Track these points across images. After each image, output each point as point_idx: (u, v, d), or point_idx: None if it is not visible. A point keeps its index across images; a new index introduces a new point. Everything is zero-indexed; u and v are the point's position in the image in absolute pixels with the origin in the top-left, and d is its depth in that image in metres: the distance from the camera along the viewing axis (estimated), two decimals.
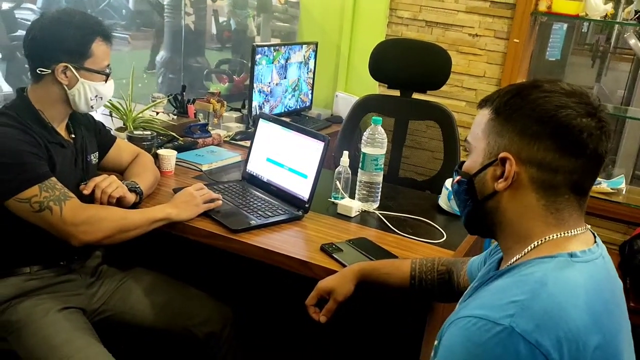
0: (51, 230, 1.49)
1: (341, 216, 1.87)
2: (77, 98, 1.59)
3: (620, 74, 7.60)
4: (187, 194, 1.71)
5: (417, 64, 2.47)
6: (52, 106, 1.60)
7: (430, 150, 2.64)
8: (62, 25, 1.55)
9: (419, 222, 1.89)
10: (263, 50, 2.72)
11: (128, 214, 1.59)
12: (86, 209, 1.52)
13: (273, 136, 1.96)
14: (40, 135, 1.53)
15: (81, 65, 1.57)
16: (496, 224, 1.00)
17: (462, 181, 1.03)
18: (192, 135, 2.37)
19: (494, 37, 2.96)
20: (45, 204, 1.46)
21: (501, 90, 1.02)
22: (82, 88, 1.58)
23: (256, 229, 1.69)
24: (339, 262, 1.53)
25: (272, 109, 2.89)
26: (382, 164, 1.93)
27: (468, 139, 1.05)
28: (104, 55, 1.61)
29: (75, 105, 1.61)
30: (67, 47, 1.54)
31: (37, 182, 1.46)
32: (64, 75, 1.55)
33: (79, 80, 1.57)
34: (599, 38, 7.64)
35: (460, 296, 1.36)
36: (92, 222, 1.51)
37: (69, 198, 1.50)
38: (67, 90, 1.58)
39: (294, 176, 1.87)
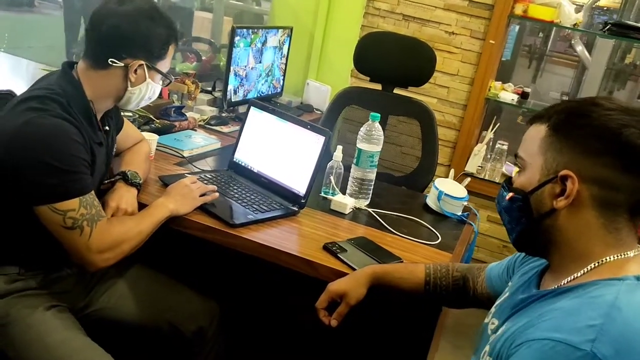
0: (69, 249, 1.36)
1: (334, 212, 1.83)
2: (134, 97, 1.50)
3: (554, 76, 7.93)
4: (183, 186, 1.62)
5: (402, 59, 2.44)
6: (104, 99, 1.49)
7: (408, 147, 2.63)
8: (152, 22, 1.44)
9: (412, 222, 1.87)
10: (242, 32, 2.61)
11: (141, 225, 1.47)
12: (111, 231, 1.40)
13: (266, 126, 1.88)
14: (87, 134, 1.40)
15: (154, 66, 1.48)
16: (552, 243, 0.99)
17: (517, 198, 1.01)
18: (168, 118, 2.25)
19: (470, 37, 2.98)
20: (80, 222, 1.33)
21: (557, 107, 1.01)
22: (146, 88, 1.50)
23: (254, 223, 1.62)
24: (347, 264, 1.48)
25: (246, 94, 2.79)
26: (377, 161, 1.90)
27: (521, 155, 1.03)
28: (171, 58, 1.54)
29: (127, 103, 1.52)
30: (151, 45, 1.45)
31: (80, 195, 1.33)
32: (134, 72, 1.45)
33: (146, 80, 1.48)
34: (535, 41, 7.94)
35: (474, 303, 1.36)
36: (115, 247, 1.40)
37: (101, 217, 1.38)
38: (129, 88, 1.47)
39: (289, 170, 1.80)
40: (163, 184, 1.76)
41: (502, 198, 1.06)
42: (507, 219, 1.06)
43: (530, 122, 1.04)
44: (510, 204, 1.03)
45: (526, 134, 1.05)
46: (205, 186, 1.67)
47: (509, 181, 1.07)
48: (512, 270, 1.25)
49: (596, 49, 5.22)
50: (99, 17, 1.42)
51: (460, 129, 3.09)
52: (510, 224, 1.05)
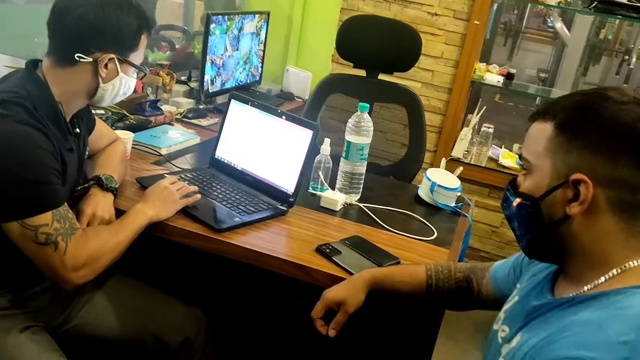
0: (42, 267, 1.24)
1: (324, 209, 1.74)
2: (107, 94, 1.38)
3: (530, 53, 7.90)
4: (162, 189, 1.51)
5: (388, 44, 2.34)
6: (74, 98, 1.36)
7: (393, 134, 2.55)
8: (121, 10, 1.31)
9: (405, 216, 1.79)
10: (218, 19, 2.47)
11: (119, 236, 1.36)
12: (87, 245, 1.28)
13: (249, 120, 1.77)
14: (57, 140, 1.27)
15: (126, 59, 1.36)
16: (566, 250, 0.91)
17: (525, 205, 0.93)
18: (143, 113, 2.12)
19: (454, 17, 2.89)
20: (54, 237, 1.21)
21: (562, 102, 0.92)
22: (119, 83, 1.37)
23: (241, 226, 1.52)
24: (343, 268, 1.39)
25: (224, 83, 2.67)
26: (367, 153, 1.80)
27: (525, 156, 0.94)
28: (144, 49, 1.42)
29: (100, 100, 1.39)
30: (122, 36, 1.32)
31: (52, 208, 1.22)
32: (105, 67, 1.32)
33: (119, 75, 1.36)
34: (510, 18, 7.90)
35: (478, 305, 1.28)
36: (92, 262, 1.28)
37: (76, 230, 1.27)
38: (101, 84, 1.34)
39: (275, 167, 1.70)
40: (141, 186, 1.65)
41: (509, 203, 0.97)
42: (515, 225, 0.98)
43: (533, 118, 0.96)
44: (518, 210, 0.94)
45: (529, 132, 0.96)
46: (187, 187, 1.57)
47: (514, 184, 0.99)
48: (519, 271, 1.17)
49: (575, 26, 5.18)
50: (62, 8, 1.28)
51: (445, 114, 3.01)
52: (519, 230, 0.97)
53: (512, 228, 1.00)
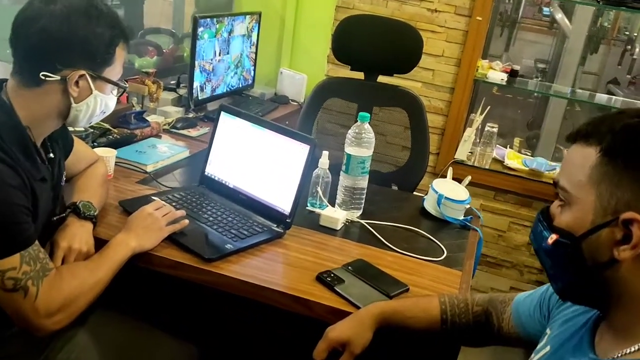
0: (12, 314, 1.11)
1: (324, 228, 1.61)
2: (82, 114, 1.23)
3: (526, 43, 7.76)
4: (146, 216, 1.37)
5: (387, 45, 2.21)
6: (44, 122, 1.22)
7: (393, 137, 2.41)
8: (89, 20, 1.16)
9: (411, 234, 1.66)
10: (206, 22, 2.33)
11: (98, 273, 1.23)
12: (62, 287, 1.15)
13: (240, 134, 1.63)
14: (26, 171, 1.13)
15: (99, 74, 1.21)
16: (612, 296, 0.78)
17: (562, 243, 0.79)
18: (127, 126, 1.98)
19: (455, 14, 2.75)
20: (23, 282, 1.08)
21: (609, 123, 0.78)
22: (94, 102, 1.22)
23: (233, 254, 1.39)
24: (346, 299, 1.26)
25: (214, 89, 2.53)
26: (368, 166, 1.67)
27: (563, 185, 0.81)
28: (122, 63, 1.27)
29: (75, 121, 1.24)
30: (92, 49, 1.17)
31: (20, 249, 1.09)
32: (75, 85, 1.18)
33: (93, 93, 1.21)
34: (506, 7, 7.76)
35: (499, 341, 1.16)
36: (67, 306, 1.15)
37: (48, 272, 1.13)
38: (73, 104, 1.19)
39: (270, 184, 1.56)
40: (124, 210, 1.52)
41: (542, 238, 0.83)
42: (548, 264, 0.85)
43: (572, 139, 0.82)
44: (554, 249, 0.81)
45: (568, 156, 0.83)
46: (174, 212, 1.43)
47: (547, 215, 0.85)
48: (545, 309, 1.04)
49: (576, 16, 5.04)
50: (23, 22, 1.13)
51: (448, 114, 2.88)
52: (553, 270, 0.84)
53: (542, 263, 0.87)
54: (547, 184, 2.82)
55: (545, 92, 3.75)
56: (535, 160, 2.98)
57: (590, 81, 6.33)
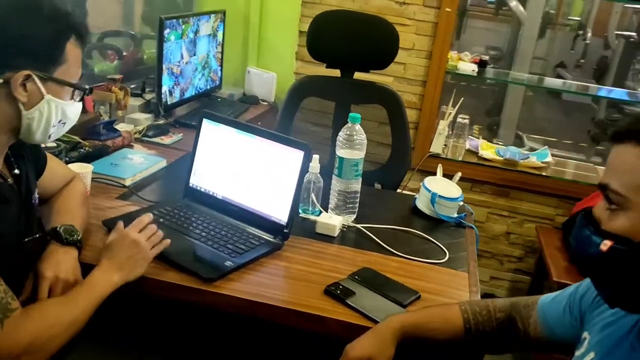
0: None
1: (320, 236, 1.54)
2: (35, 123, 1.08)
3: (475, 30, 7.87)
4: (130, 243, 1.23)
5: (363, 40, 2.15)
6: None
7: (377, 136, 2.36)
8: (28, 15, 1.04)
9: (409, 236, 1.61)
10: (172, 23, 2.22)
11: (73, 311, 1.10)
12: (28, 328, 1.03)
13: (226, 142, 1.54)
14: None
15: (50, 75, 1.07)
16: None
17: (620, 250, 0.75)
18: (98, 137, 1.86)
19: (423, 6, 2.71)
20: None
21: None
22: (47, 108, 1.09)
23: (234, 271, 1.31)
24: (362, 314, 1.20)
25: (183, 92, 2.42)
26: (361, 168, 1.61)
27: (615, 189, 0.77)
28: (78, 62, 1.13)
29: (29, 133, 1.10)
30: (32, 47, 1.05)
31: None
32: (22, 88, 1.04)
33: (44, 97, 1.07)
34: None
35: (525, 346, 1.12)
36: (37, 348, 1.03)
37: (9, 312, 1.00)
38: (23, 111, 1.06)
39: (263, 194, 1.48)
40: (109, 230, 1.41)
41: (591, 244, 0.79)
42: (598, 271, 0.80)
43: (619, 139, 0.78)
44: (608, 255, 0.77)
45: (615, 156, 0.79)
46: (158, 233, 1.30)
47: (590, 217, 0.81)
48: (577, 311, 1.00)
49: (530, 3, 5.12)
50: None
51: (421, 108, 2.85)
52: (604, 276, 0.80)
53: (585, 269, 0.83)
54: (523, 173, 2.83)
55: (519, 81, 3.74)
56: (508, 149, 2.98)
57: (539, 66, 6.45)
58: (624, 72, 5.67)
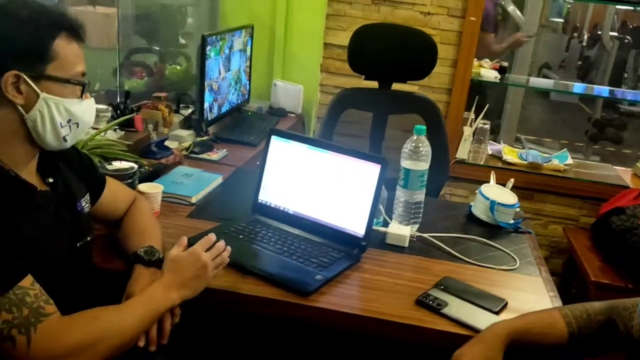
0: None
1: (390, 246, 1.57)
2: (39, 125, 1.06)
3: None
4: (197, 261, 1.20)
5: (402, 53, 2.19)
6: (9, 144, 1.06)
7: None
8: (7, 17, 1.03)
9: (475, 243, 1.65)
10: (212, 39, 2.24)
11: (125, 321, 1.08)
12: (70, 332, 1.01)
13: (297, 158, 1.57)
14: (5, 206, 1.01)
15: (41, 73, 1.04)
16: None
17: None
18: (154, 156, 1.87)
19: (448, 15, 2.77)
20: (6, 332, 0.95)
21: None
22: (46, 108, 1.05)
23: (325, 284, 1.33)
24: (461, 323, 1.23)
25: (220, 108, 2.44)
26: (426, 179, 1.65)
27: None
28: (74, 58, 1.08)
29: (40, 137, 1.08)
30: (17, 47, 1.02)
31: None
32: (16, 90, 1.03)
33: (40, 96, 1.04)
34: None
35: (625, 348, 1.16)
36: (77, 354, 1.00)
37: (42, 318, 0.98)
38: (25, 115, 1.04)
39: (338, 208, 1.51)
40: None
41: None
42: None
43: None
44: None
45: None
46: (223, 255, 1.27)
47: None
48: None
49: (528, 8, 5.21)
50: None
51: (447, 115, 2.90)
52: None
53: None
54: (546, 175, 2.90)
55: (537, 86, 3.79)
56: (529, 153, 3.05)
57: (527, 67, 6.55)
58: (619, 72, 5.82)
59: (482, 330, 1.18)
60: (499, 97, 5.49)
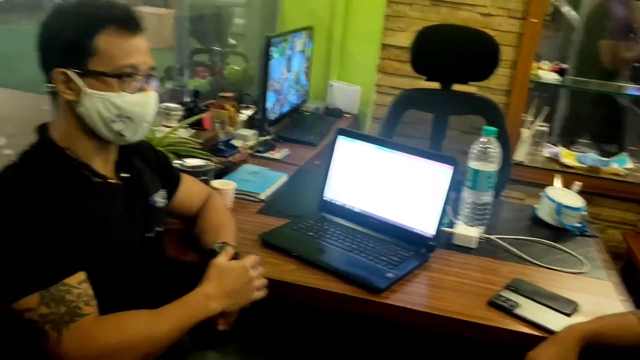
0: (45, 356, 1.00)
1: (457, 247, 1.58)
2: (88, 119, 1.09)
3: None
4: (244, 274, 1.19)
5: (465, 54, 2.20)
6: (78, 139, 1.11)
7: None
8: (62, 16, 1.09)
9: (542, 246, 1.65)
10: (276, 41, 2.29)
11: (160, 327, 1.06)
12: (99, 334, 1.00)
13: (364, 158, 1.60)
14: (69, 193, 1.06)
15: (85, 68, 1.06)
16: None
17: None
18: (223, 155, 1.93)
19: (508, 17, 2.75)
20: (40, 325, 0.97)
21: None
22: (92, 103, 1.07)
23: (396, 282, 1.36)
24: (536, 325, 1.24)
25: (281, 108, 2.49)
26: (494, 181, 1.66)
27: None
28: (118, 51, 1.07)
29: (97, 132, 1.10)
30: (62, 44, 1.06)
31: (39, 288, 0.98)
32: (65, 85, 1.07)
33: (84, 91, 1.06)
34: None
35: None
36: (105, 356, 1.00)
37: (77, 318, 0.99)
38: (77, 110, 1.08)
39: (407, 207, 1.53)
40: (264, 243, 1.47)
41: None
42: None
43: None
44: None
45: None
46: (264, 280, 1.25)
47: None
48: None
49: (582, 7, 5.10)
50: None
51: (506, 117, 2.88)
52: None
53: None
54: (605, 179, 2.85)
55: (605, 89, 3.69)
56: (587, 156, 3.00)
57: None
58: None
59: (555, 331, 1.19)
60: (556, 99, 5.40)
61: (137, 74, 1.10)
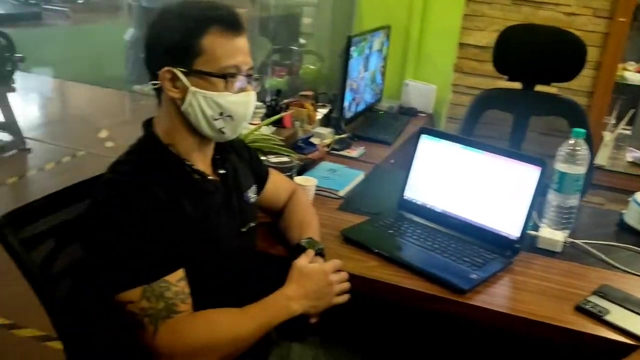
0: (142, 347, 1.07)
1: (541, 250, 1.55)
2: (192, 117, 1.13)
3: None
4: (325, 278, 1.21)
5: (550, 54, 2.15)
6: (180, 136, 1.16)
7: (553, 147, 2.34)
8: (168, 17, 1.13)
9: (631, 252, 1.59)
10: (356, 40, 2.31)
11: (242, 328, 1.10)
12: (189, 333, 1.05)
13: (449, 157, 1.59)
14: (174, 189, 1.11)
15: (190, 67, 1.10)
16: None
17: None
18: (302, 152, 1.97)
19: (593, 16, 2.66)
20: (139, 318, 1.03)
21: None
22: (196, 101, 1.11)
23: (480, 284, 1.35)
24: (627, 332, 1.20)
25: (357, 107, 2.51)
26: (582, 184, 1.61)
27: None
28: (223, 52, 1.10)
29: (198, 128, 1.15)
30: (167, 44, 1.11)
31: (142, 283, 1.03)
32: (171, 84, 1.12)
33: (190, 90, 1.11)
34: None
35: None
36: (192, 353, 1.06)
37: (173, 314, 1.05)
38: (181, 108, 1.12)
39: (492, 209, 1.52)
40: (345, 239, 1.49)
41: None
42: None
43: None
44: None
45: None
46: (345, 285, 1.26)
47: None
48: None
49: None
50: None
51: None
52: None
53: None
54: None
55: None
56: None
57: None
58: None
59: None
60: None
61: (240, 74, 1.14)
